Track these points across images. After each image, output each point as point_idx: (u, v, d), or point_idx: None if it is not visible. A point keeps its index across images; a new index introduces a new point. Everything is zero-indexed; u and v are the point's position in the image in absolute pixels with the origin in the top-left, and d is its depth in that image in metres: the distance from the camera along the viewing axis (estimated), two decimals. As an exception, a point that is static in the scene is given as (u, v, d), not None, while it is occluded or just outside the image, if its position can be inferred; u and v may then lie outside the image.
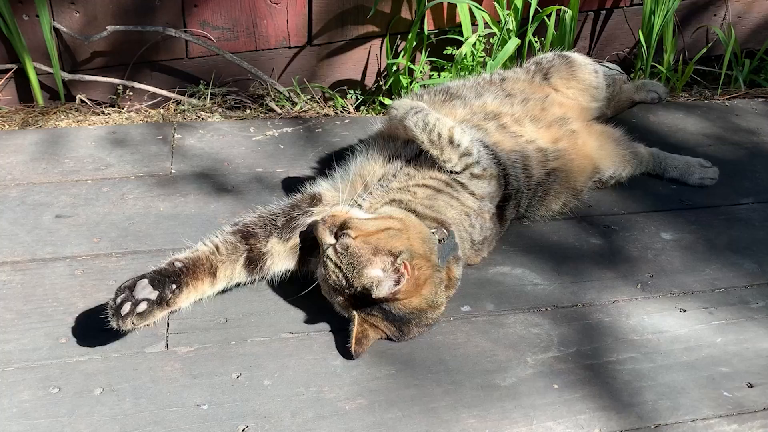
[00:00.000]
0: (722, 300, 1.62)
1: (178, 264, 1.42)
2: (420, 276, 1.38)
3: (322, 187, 1.64)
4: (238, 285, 1.53)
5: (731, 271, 1.71)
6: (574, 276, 1.67)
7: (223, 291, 1.52)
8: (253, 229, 1.52)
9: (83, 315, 1.47)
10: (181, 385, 1.34)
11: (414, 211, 1.50)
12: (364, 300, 1.38)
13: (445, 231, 1.48)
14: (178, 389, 1.33)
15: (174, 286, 1.39)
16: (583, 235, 1.81)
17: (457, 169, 1.57)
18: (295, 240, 1.54)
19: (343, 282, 1.38)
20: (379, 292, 1.34)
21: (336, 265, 1.38)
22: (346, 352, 1.41)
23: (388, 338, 1.44)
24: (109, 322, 1.33)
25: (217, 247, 1.48)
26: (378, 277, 1.35)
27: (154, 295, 1.35)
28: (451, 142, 1.55)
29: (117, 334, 1.40)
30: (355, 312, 1.39)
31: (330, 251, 1.39)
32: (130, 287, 1.34)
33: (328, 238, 1.41)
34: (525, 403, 1.35)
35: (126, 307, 1.31)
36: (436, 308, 1.43)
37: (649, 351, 1.48)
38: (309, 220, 1.55)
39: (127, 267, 1.60)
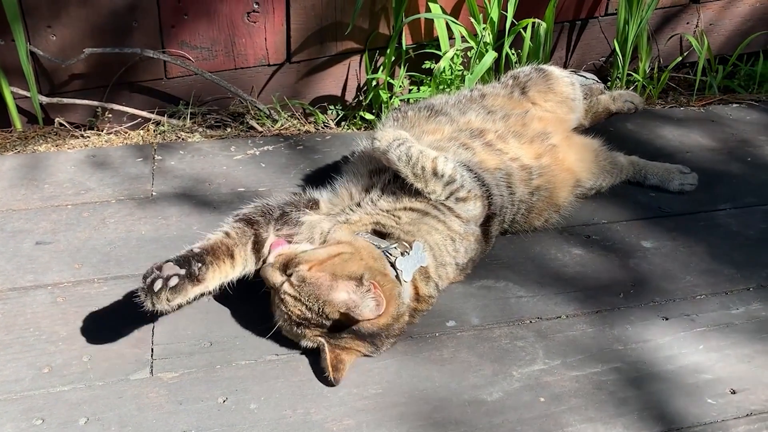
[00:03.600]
0: (703, 307, 1.64)
1: (196, 249, 1.46)
2: (385, 292, 1.39)
3: (322, 196, 1.68)
4: (244, 276, 1.54)
5: (711, 278, 1.73)
6: (556, 287, 1.68)
7: (221, 294, 1.54)
8: (254, 216, 1.57)
9: (66, 343, 1.46)
10: (167, 411, 1.33)
11: (389, 235, 1.53)
12: (334, 326, 1.39)
13: (406, 244, 1.50)
14: (164, 416, 1.32)
15: (199, 264, 1.42)
16: (565, 246, 1.82)
17: (442, 198, 1.58)
18: (285, 232, 1.57)
19: (309, 314, 1.38)
20: (363, 314, 1.35)
21: (296, 299, 1.39)
22: (325, 382, 1.40)
23: (364, 355, 1.44)
24: (143, 305, 1.35)
25: (227, 233, 1.52)
26: (352, 299, 1.36)
27: (182, 271, 1.38)
28: (435, 174, 1.56)
29: (101, 357, 1.39)
30: (322, 340, 1.40)
31: (286, 287, 1.40)
32: (158, 268, 1.37)
33: (278, 278, 1.42)
34: (512, 418, 1.35)
35: (158, 284, 1.34)
36: (400, 318, 1.45)
37: (633, 360, 1.49)
38: (304, 218, 1.58)
39: (110, 292, 1.59)
